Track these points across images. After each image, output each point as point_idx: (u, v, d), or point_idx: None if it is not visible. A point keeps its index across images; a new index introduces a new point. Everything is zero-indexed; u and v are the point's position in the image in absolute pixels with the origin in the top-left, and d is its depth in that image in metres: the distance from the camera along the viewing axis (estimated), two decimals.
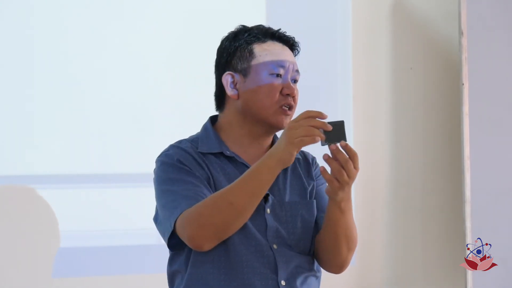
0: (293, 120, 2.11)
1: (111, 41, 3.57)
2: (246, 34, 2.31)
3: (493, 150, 4.17)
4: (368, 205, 4.09)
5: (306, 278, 2.28)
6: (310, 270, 2.30)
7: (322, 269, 2.37)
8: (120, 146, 3.55)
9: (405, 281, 4.16)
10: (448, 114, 4.21)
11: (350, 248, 2.28)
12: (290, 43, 2.34)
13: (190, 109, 3.53)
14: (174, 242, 2.23)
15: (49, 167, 3.46)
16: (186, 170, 2.24)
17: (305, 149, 2.24)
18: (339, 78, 4.08)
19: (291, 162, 2.12)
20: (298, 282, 2.26)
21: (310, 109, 2.13)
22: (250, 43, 2.30)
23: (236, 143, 2.31)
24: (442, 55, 4.24)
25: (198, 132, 2.36)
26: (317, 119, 2.09)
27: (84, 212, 3.48)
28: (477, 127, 4.10)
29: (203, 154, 2.29)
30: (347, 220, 2.23)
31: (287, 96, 2.27)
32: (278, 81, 2.28)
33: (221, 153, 2.30)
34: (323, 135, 2.08)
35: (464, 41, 4.04)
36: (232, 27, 2.38)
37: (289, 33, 2.37)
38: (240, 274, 2.21)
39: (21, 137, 3.43)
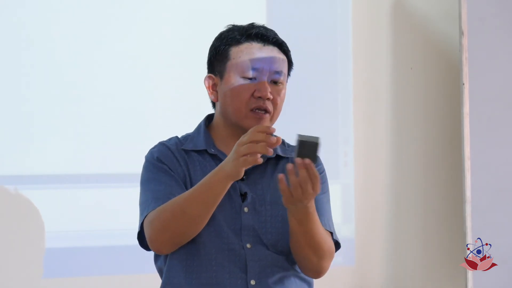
0: (243, 135, 2.10)
1: (111, 41, 3.57)
2: (227, 36, 2.29)
3: (493, 150, 4.17)
4: (368, 205, 4.08)
5: (282, 278, 2.26)
6: (288, 270, 2.27)
7: None
8: (119, 146, 3.55)
9: (405, 281, 4.16)
10: (448, 114, 4.20)
11: (321, 256, 2.24)
12: (272, 41, 2.28)
13: (190, 110, 3.53)
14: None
15: (48, 167, 3.46)
16: (164, 169, 2.26)
17: None
18: (339, 78, 4.07)
19: (241, 176, 2.12)
20: (271, 281, 2.23)
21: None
22: (228, 45, 2.27)
23: (223, 142, 2.32)
24: (442, 55, 4.23)
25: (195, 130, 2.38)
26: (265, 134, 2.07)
27: (83, 212, 3.48)
28: (477, 127, 4.09)
29: (186, 151, 2.30)
30: (308, 230, 2.18)
31: (259, 99, 2.24)
32: (249, 84, 2.24)
33: (206, 151, 2.30)
34: (269, 151, 2.06)
35: (465, 41, 4.04)
36: None
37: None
38: (210, 272, 2.21)
39: (20, 137, 3.43)
